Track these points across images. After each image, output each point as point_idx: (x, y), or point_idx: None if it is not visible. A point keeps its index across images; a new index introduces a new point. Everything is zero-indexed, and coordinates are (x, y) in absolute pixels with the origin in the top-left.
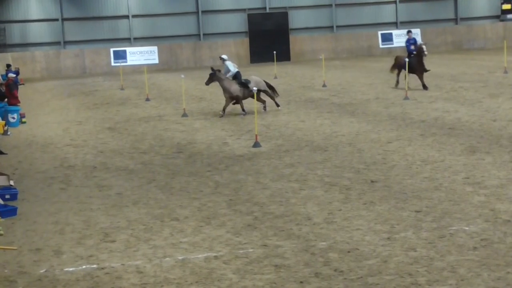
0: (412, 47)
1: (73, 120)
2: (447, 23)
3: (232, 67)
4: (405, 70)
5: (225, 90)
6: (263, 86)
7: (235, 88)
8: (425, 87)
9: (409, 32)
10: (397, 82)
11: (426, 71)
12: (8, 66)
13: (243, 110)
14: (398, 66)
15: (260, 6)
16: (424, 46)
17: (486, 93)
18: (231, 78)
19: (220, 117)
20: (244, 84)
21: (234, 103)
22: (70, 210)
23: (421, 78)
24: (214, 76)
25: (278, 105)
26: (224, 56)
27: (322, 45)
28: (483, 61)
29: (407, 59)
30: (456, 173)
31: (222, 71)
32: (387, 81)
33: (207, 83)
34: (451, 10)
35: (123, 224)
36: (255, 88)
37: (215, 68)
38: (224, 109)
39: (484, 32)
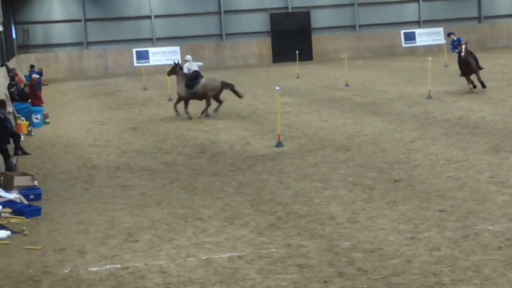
0: (456, 50)
1: (96, 120)
2: (470, 22)
3: (187, 68)
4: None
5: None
6: (212, 90)
7: (180, 88)
8: (482, 85)
9: (449, 34)
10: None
11: (480, 68)
12: (32, 67)
13: (186, 112)
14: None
15: (282, 6)
16: (463, 46)
17: (510, 91)
18: (187, 75)
19: (177, 115)
20: (189, 86)
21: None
22: (93, 210)
23: (477, 77)
24: (174, 69)
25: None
26: (187, 57)
27: (344, 45)
28: (507, 59)
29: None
30: (480, 172)
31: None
32: (410, 80)
33: (169, 74)
34: (475, 8)
35: (146, 224)
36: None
37: (177, 63)
38: (174, 107)
39: (508, 30)
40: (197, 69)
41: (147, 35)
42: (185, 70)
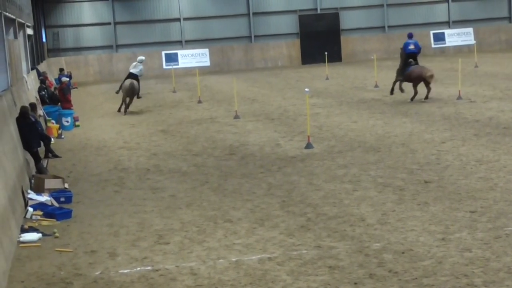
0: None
1: (126, 123)
2: (500, 22)
3: (132, 69)
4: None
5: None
6: (127, 91)
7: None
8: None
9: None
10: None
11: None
12: (61, 70)
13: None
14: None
15: (311, 7)
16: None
17: None
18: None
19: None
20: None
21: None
22: (124, 212)
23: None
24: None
25: (125, 112)
26: (139, 58)
27: (373, 46)
28: None
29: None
30: (511, 173)
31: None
32: (440, 80)
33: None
34: (505, 8)
35: (176, 226)
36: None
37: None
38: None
39: None
40: (132, 71)
41: (176, 37)
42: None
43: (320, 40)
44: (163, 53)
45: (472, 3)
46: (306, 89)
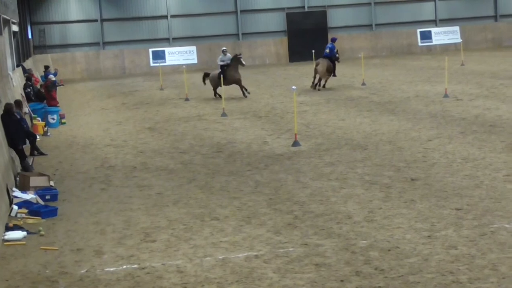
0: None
1: (113, 120)
2: (487, 20)
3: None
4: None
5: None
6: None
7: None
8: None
9: (334, 40)
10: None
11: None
12: (47, 67)
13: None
14: None
15: (299, 5)
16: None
17: None
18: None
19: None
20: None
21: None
22: (110, 210)
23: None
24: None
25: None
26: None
27: (361, 44)
28: None
29: None
30: (497, 171)
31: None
32: (427, 79)
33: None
34: (491, 7)
35: (163, 223)
36: None
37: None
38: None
39: None
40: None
41: (163, 35)
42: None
43: (307, 38)
44: (150, 50)
45: (459, 2)
46: (294, 87)
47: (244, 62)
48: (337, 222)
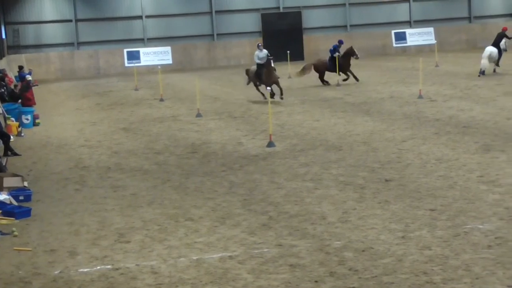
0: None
1: (88, 121)
2: (461, 22)
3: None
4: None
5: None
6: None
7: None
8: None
9: (340, 42)
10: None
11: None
12: (21, 68)
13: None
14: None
15: (273, 6)
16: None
17: (501, 91)
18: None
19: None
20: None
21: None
22: (85, 211)
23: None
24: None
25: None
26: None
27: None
28: None
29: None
30: (470, 172)
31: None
32: (401, 79)
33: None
34: (465, 8)
35: (138, 224)
36: None
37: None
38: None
39: (498, 30)
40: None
41: (138, 35)
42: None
43: (282, 38)
44: (125, 50)
45: (433, 3)
46: (268, 88)
47: (273, 65)
48: (311, 222)
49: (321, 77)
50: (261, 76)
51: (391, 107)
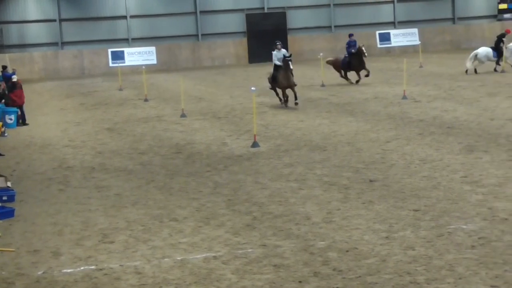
0: (353, 50)
1: (72, 121)
2: (445, 23)
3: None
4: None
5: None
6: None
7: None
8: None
9: (350, 35)
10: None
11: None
12: (4, 67)
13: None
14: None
15: (258, 6)
16: (363, 48)
17: (484, 92)
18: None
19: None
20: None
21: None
22: (68, 211)
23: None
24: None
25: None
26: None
27: (320, 45)
28: None
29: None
30: (454, 172)
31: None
32: (386, 80)
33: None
34: (449, 9)
35: (122, 225)
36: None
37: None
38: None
39: (481, 31)
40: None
41: (123, 35)
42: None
43: (267, 39)
44: (109, 50)
45: (417, 4)
46: (253, 88)
47: (292, 67)
48: (295, 223)
49: (342, 76)
50: (277, 78)
51: (376, 107)
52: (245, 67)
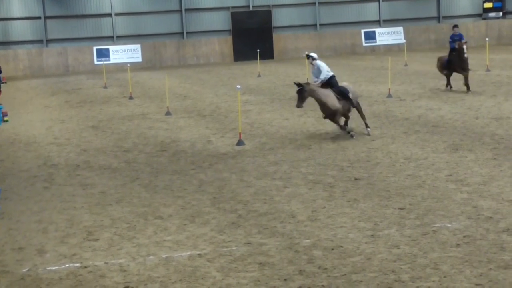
0: (456, 46)
1: (56, 118)
2: (430, 21)
3: (326, 70)
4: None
5: (324, 106)
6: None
7: (333, 100)
8: (468, 88)
9: (454, 27)
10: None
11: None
12: None
13: (344, 128)
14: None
15: (243, 4)
16: (465, 46)
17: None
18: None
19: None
20: (343, 94)
21: (325, 118)
22: (53, 208)
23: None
24: (305, 92)
25: (367, 127)
26: (313, 54)
27: (305, 43)
28: None
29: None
30: (439, 171)
31: (311, 75)
32: (371, 79)
33: (300, 105)
34: (434, 8)
35: (106, 222)
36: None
37: (301, 82)
38: (342, 127)
39: (466, 30)
40: (331, 73)
41: (108, 33)
42: (324, 71)
43: (252, 37)
44: (94, 48)
45: (402, 3)
46: (238, 86)
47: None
48: (280, 221)
49: (447, 83)
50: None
51: (361, 106)
52: (230, 65)
